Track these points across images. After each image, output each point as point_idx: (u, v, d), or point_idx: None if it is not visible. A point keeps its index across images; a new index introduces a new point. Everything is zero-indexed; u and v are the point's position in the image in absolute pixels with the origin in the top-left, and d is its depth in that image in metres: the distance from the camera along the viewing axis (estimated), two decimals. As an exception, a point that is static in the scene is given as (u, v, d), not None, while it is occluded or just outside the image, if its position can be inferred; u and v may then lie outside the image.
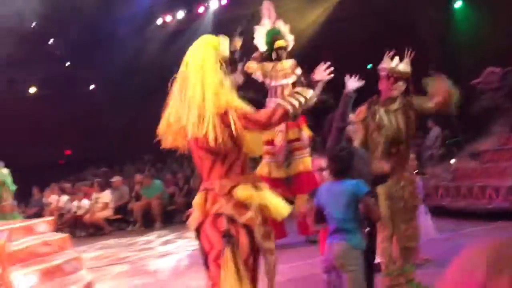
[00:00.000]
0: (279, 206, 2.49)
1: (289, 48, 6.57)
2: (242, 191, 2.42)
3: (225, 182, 2.45)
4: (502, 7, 9.81)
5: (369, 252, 3.37)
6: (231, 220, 2.39)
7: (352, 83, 3.35)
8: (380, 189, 3.71)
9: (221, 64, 2.46)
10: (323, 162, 3.25)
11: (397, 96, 3.83)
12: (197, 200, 2.54)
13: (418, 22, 11.51)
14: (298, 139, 6.36)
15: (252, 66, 6.34)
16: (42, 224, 5.69)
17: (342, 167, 2.97)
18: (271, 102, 6.42)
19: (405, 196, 3.79)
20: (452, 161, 9.02)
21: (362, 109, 3.86)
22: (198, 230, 2.52)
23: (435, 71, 4.01)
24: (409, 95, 3.86)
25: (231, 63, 2.51)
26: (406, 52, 3.83)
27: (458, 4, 11.89)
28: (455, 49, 11.06)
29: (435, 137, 9.95)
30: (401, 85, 3.81)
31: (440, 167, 8.28)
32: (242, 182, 2.45)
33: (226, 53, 2.48)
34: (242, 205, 2.41)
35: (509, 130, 7.51)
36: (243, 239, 2.40)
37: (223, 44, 2.49)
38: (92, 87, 17.49)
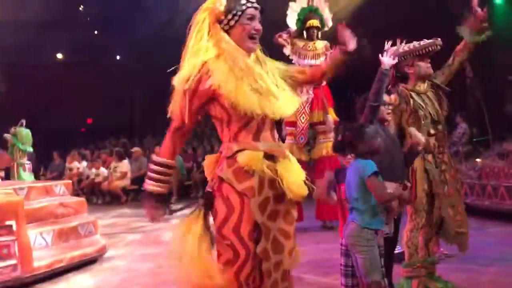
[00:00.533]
0: (296, 184, 2.28)
1: (327, 28, 6.36)
2: (245, 157, 2.21)
3: (232, 145, 2.27)
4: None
5: (390, 239, 3.26)
6: (230, 185, 2.22)
7: (388, 60, 3.22)
8: (419, 173, 3.61)
9: (218, 22, 2.29)
10: None
11: (422, 76, 3.71)
12: (207, 161, 2.42)
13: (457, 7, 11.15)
14: (322, 123, 6.21)
15: (283, 39, 6.17)
16: (60, 186, 5.72)
17: (345, 144, 2.91)
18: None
19: (448, 179, 3.66)
20: (478, 159, 8.79)
21: (393, 97, 3.71)
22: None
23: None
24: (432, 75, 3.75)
25: (233, 11, 2.26)
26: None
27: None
28: (492, 44, 10.68)
29: (462, 134, 9.69)
30: (420, 66, 3.69)
31: (465, 165, 8.08)
32: (251, 148, 2.23)
33: (222, 6, 2.27)
34: (244, 172, 2.20)
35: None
36: (222, 206, 2.22)
37: (218, 0, 2.29)
38: (119, 57, 17.53)
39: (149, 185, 2.33)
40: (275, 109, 2.24)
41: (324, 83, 6.30)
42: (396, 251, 3.79)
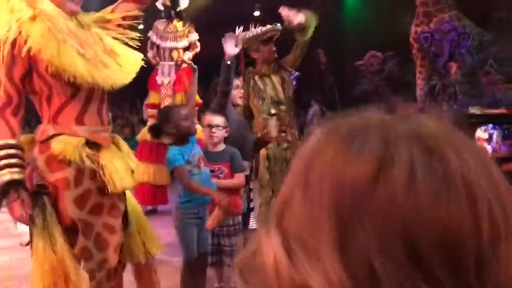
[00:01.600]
0: (119, 176, 2.03)
1: (182, 7, 6.30)
2: (60, 143, 1.96)
3: (48, 127, 2.00)
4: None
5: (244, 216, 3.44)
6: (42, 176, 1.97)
7: (231, 49, 3.35)
8: (262, 151, 3.78)
9: None
10: (212, 119, 3.20)
11: (267, 60, 3.97)
12: (22, 140, 2.07)
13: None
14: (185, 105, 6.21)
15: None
16: None
17: (156, 128, 2.94)
18: (160, 65, 6.18)
19: (288, 157, 3.86)
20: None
21: (239, 80, 3.91)
22: None
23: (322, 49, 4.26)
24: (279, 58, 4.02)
25: None
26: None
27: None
28: (343, 31, 11.60)
29: (312, 115, 10.37)
30: (263, 51, 3.94)
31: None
32: (69, 133, 1.97)
33: None
34: (59, 161, 1.95)
35: (384, 114, 8.05)
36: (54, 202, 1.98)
37: None
38: None
39: (3, 175, 1.95)
40: (106, 77, 2.00)
41: (186, 65, 6.28)
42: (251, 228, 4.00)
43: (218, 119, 3.18)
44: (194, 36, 6.29)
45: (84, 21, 2.13)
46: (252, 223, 4.20)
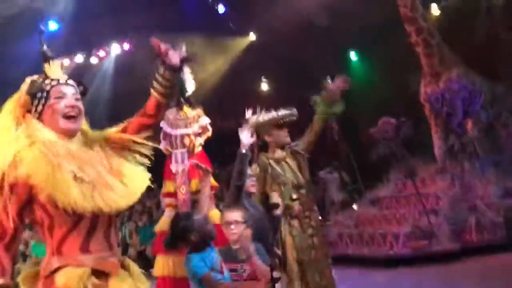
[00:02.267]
0: None
1: (189, 92, 6.36)
2: (64, 277, 1.82)
3: (52, 260, 1.87)
4: (393, 59, 10.56)
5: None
6: None
7: (246, 139, 3.28)
8: (288, 240, 3.62)
9: (26, 114, 1.95)
10: (230, 215, 3.07)
11: (280, 145, 3.84)
12: (23, 275, 1.95)
13: (317, 69, 12.02)
14: (199, 191, 6.11)
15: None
16: None
17: (176, 239, 2.84)
18: (173, 153, 6.15)
19: (315, 244, 3.69)
20: (355, 207, 9.28)
21: (255, 167, 3.81)
22: None
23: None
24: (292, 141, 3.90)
25: (37, 95, 1.94)
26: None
27: (352, 55, 12.65)
28: (352, 99, 11.63)
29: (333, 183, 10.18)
30: (278, 135, 3.81)
31: (342, 214, 8.44)
32: (74, 264, 1.85)
33: (24, 94, 1.96)
34: None
35: (404, 177, 7.88)
36: None
37: (23, 88, 1.98)
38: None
39: None
40: (108, 200, 1.87)
41: (200, 148, 6.26)
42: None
43: (236, 215, 3.04)
44: (205, 120, 6.29)
45: (92, 139, 2.05)
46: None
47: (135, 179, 2.00)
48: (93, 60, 13.25)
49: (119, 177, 1.96)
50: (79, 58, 13.37)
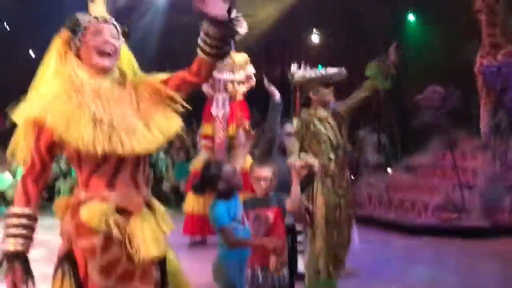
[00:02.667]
0: (146, 244, 1.93)
1: (240, 35, 6.33)
2: (88, 211, 1.89)
3: (80, 191, 1.96)
4: (452, 25, 10.08)
5: (291, 265, 3.32)
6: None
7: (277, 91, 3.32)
8: (319, 198, 3.67)
9: (67, 51, 2.00)
10: (261, 171, 3.14)
11: (324, 103, 3.77)
12: (57, 203, 2.04)
13: (373, 27, 11.62)
14: (235, 137, 6.21)
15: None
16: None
17: (205, 183, 2.90)
18: (214, 97, 6.23)
19: (342, 205, 3.74)
20: (389, 170, 9.23)
21: (296, 122, 3.81)
22: None
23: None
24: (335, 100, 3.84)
25: (76, 31, 1.97)
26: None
27: (411, 17, 12.12)
28: (404, 62, 11.24)
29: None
30: (323, 93, 3.74)
31: (375, 176, 8.42)
32: (99, 198, 1.91)
33: (66, 30, 1.99)
34: (88, 227, 1.88)
35: (445, 148, 7.73)
36: (81, 267, 1.92)
37: (69, 23, 2.01)
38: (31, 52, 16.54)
39: (9, 244, 1.88)
40: (127, 144, 1.88)
41: (241, 97, 6.32)
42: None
43: (267, 171, 3.09)
44: (251, 69, 6.30)
45: (129, 79, 2.07)
46: (301, 268, 4.08)
47: (163, 124, 2.00)
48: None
49: (145, 120, 1.98)
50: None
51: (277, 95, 3.41)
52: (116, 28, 2.05)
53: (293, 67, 3.83)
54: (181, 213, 6.48)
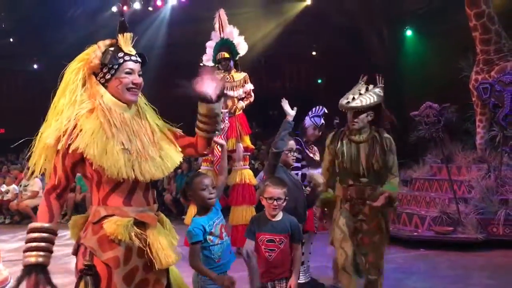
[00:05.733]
0: (164, 253, 2.14)
1: (240, 54, 6.50)
2: (112, 224, 2.07)
3: (100, 209, 2.13)
4: (448, 40, 10.26)
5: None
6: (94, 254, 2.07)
7: (292, 111, 3.48)
8: (339, 218, 3.66)
9: (94, 74, 2.19)
10: (274, 192, 3.12)
11: (362, 128, 3.58)
12: (72, 222, 2.22)
13: (370, 41, 11.80)
14: (234, 150, 6.36)
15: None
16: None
17: (182, 192, 3.01)
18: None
19: (364, 229, 3.65)
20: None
21: (330, 135, 3.79)
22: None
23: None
24: (380, 126, 3.63)
25: (109, 65, 2.16)
26: (378, 78, 3.64)
27: (409, 33, 12.34)
28: (401, 77, 11.46)
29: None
30: (363, 118, 3.53)
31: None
32: (119, 214, 2.10)
33: (97, 59, 2.16)
34: (110, 241, 2.06)
35: (441, 161, 7.86)
36: (104, 279, 2.07)
37: (93, 52, 2.19)
38: (36, 66, 16.77)
39: (30, 257, 2.03)
40: (145, 171, 2.13)
41: (240, 112, 6.49)
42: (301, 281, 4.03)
43: (280, 192, 3.10)
44: (249, 86, 6.47)
45: (142, 109, 2.29)
46: (302, 277, 4.23)
47: (171, 154, 2.28)
48: (150, 8, 13.53)
49: (158, 150, 2.24)
50: (137, 4, 13.67)
51: (290, 114, 3.55)
52: (139, 65, 2.25)
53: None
54: (182, 224, 6.60)
